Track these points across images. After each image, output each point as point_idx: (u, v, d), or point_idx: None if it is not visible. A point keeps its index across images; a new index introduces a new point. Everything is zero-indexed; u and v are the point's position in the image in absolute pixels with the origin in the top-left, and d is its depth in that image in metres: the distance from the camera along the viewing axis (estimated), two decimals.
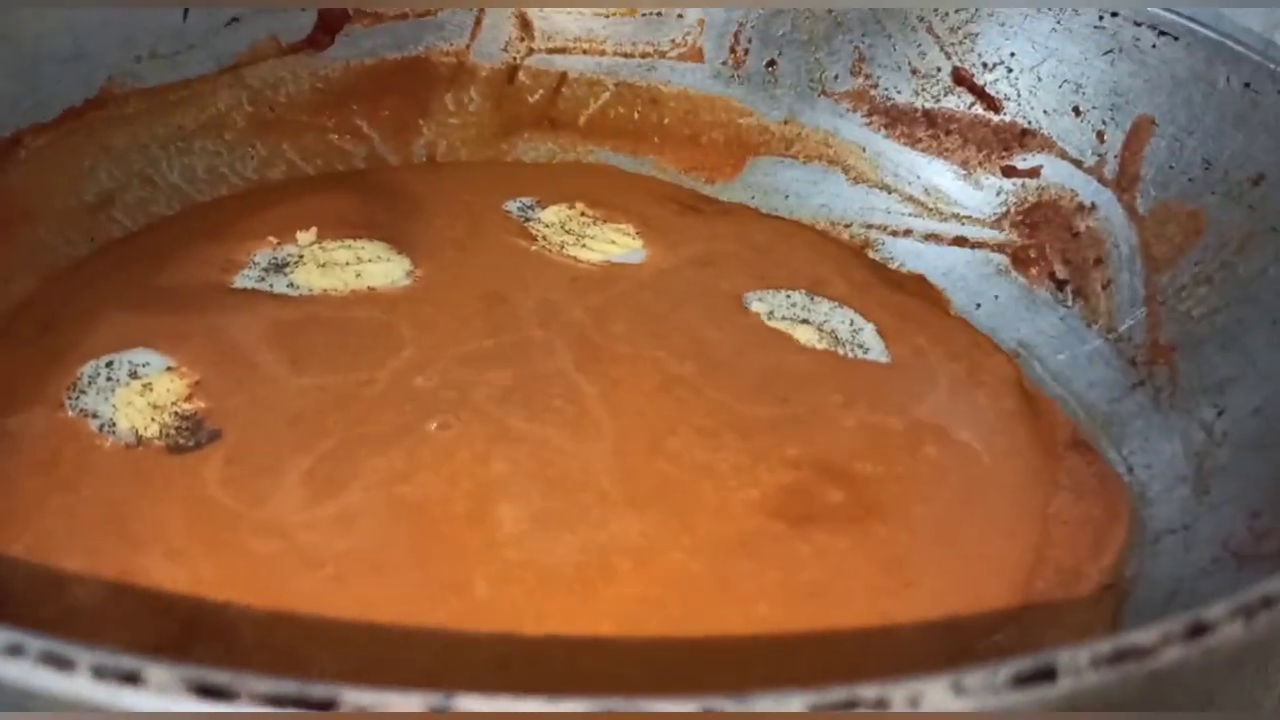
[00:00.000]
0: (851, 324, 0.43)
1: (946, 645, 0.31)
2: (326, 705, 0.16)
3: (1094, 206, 0.45)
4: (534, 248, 0.47)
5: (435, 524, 0.33)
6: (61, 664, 0.16)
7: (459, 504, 0.34)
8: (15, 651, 0.16)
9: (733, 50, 0.54)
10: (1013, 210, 0.47)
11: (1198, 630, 0.18)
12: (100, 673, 0.16)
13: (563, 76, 0.55)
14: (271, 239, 0.45)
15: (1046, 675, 0.17)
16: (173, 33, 0.48)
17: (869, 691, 0.17)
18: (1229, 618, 0.18)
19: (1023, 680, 0.17)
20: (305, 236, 0.46)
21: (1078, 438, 0.39)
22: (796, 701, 0.17)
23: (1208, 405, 0.37)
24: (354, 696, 0.16)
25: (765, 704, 0.16)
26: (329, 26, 0.53)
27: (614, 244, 0.48)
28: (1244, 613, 0.18)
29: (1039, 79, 0.48)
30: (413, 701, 0.16)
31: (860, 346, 0.42)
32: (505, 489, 0.35)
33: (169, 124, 0.49)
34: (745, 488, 0.35)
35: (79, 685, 0.16)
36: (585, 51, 0.55)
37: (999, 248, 0.47)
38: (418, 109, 0.55)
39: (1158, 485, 0.36)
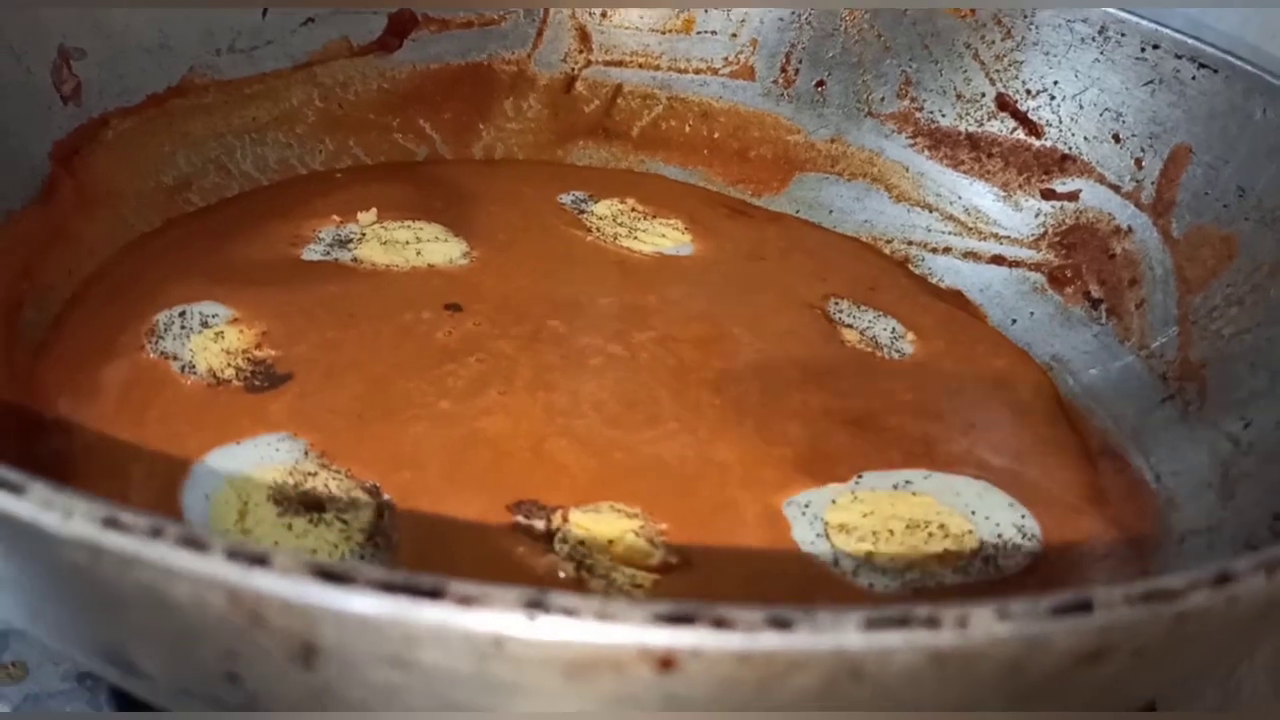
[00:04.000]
0: (893, 331, 0.45)
1: None
2: (435, 593, 0.17)
3: (1130, 230, 0.47)
4: (589, 238, 0.50)
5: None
6: (198, 546, 0.18)
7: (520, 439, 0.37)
8: (156, 534, 0.18)
9: (783, 70, 0.56)
10: (1051, 231, 0.49)
11: (1224, 579, 0.19)
12: (233, 555, 0.18)
13: (618, 88, 0.57)
14: (335, 217, 0.48)
15: (1084, 607, 0.19)
16: (251, 29, 0.51)
17: (922, 610, 0.18)
18: (1253, 570, 0.20)
19: (1062, 610, 0.19)
20: (367, 216, 0.48)
21: (1108, 446, 0.40)
22: (854, 617, 0.18)
23: (1235, 418, 0.38)
24: (457, 588, 0.18)
25: (826, 619, 0.18)
26: (398, 30, 0.55)
27: (664, 238, 0.50)
28: (1267, 567, 0.20)
29: (1080, 106, 0.50)
30: (510, 596, 0.18)
31: (898, 351, 0.44)
32: (550, 422, 0.37)
33: (244, 115, 0.52)
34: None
35: (214, 565, 0.17)
36: (641, 65, 0.57)
37: (1036, 267, 0.49)
38: (478, 113, 0.57)
39: (1184, 491, 0.37)
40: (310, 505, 0.34)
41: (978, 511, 0.36)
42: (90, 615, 0.20)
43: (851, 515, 0.35)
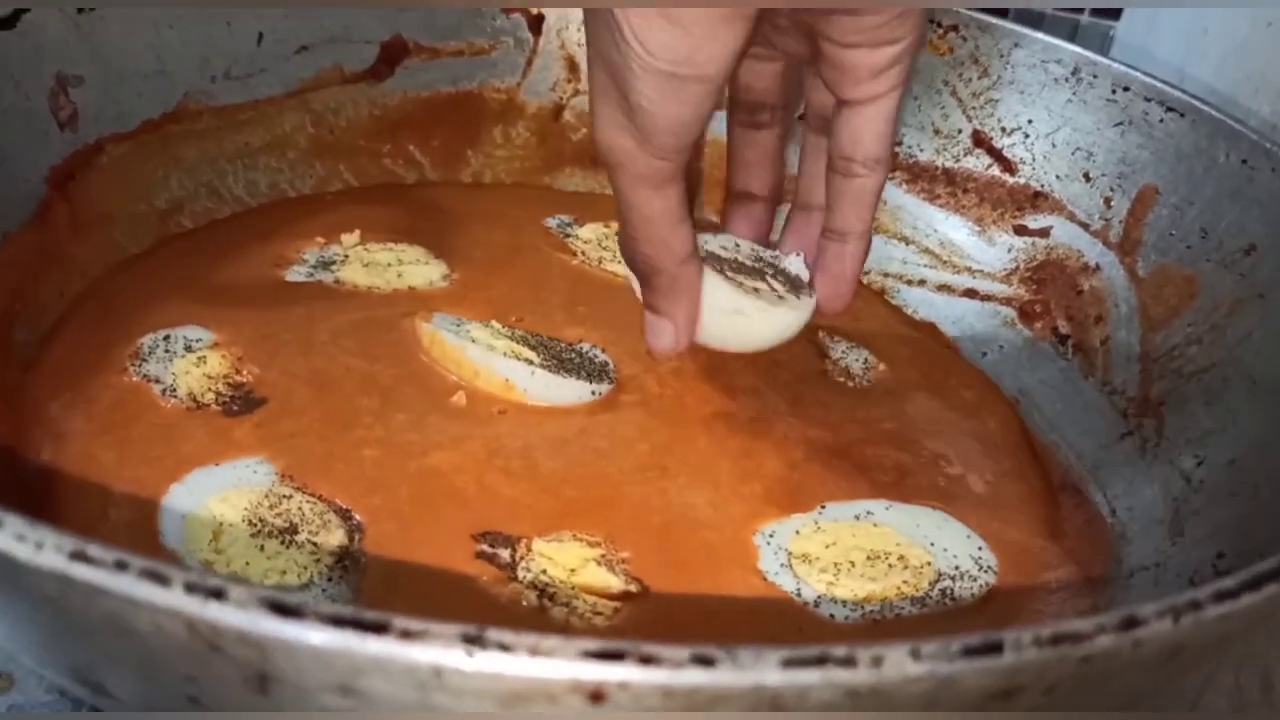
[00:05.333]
0: (865, 361, 0.46)
1: None
2: (379, 628, 0.19)
3: (1098, 267, 0.48)
4: (574, 261, 0.51)
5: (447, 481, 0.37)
6: (159, 579, 0.19)
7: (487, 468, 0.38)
8: (121, 567, 0.19)
9: None
10: (1022, 267, 0.50)
11: (1129, 624, 0.21)
12: (191, 588, 0.19)
13: None
14: (319, 239, 0.49)
15: (994, 648, 0.20)
16: (247, 57, 0.52)
17: (839, 650, 0.19)
18: (1158, 616, 0.21)
19: (973, 651, 0.20)
20: (349, 238, 0.50)
21: (1068, 480, 0.41)
22: (774, 656, 0.19)
23: (1189, 456, 0.40)
24: (400, 623, 0.19)
25: (747, 657, 0.19)
26: (390, 59, 0.56)
27: None
28: (1173, 613, 0.21)
29: (1053, 145, 0.51)
30: (450, 631, 0.19)
31: (868, 381, 0.45)
32: (509, 456, 0.38)
33: (237, 140, 0.53)
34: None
35: (174, 598, 0.19)
36: None
37: (1007, 301, 0.50)
38: (467, 139, 0.58)
39: (1136, 526, 0.39)
40: (283, 528, 0.35)
41: (936, 543, 0.37)
42: (62, 639, 0.21)
43: (814, 545, 0.36)
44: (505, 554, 0.35)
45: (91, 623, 0.20)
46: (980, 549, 0.37)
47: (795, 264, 0.40)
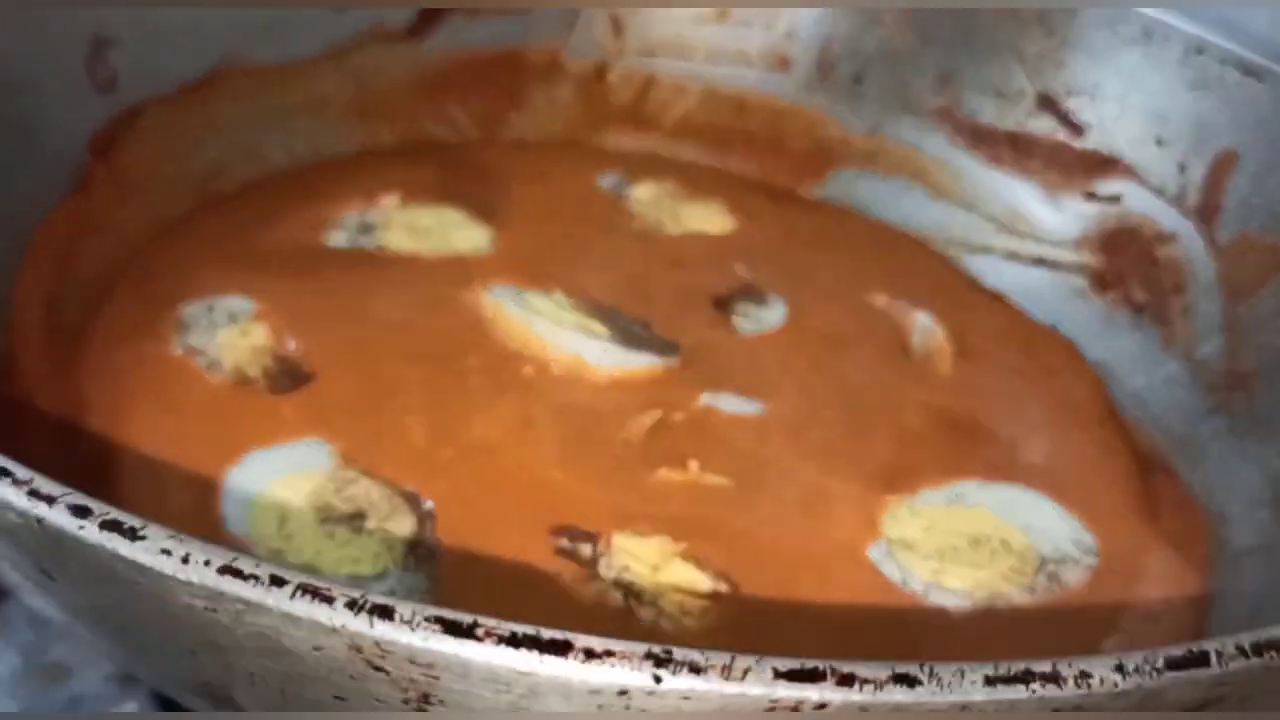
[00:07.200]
0: (931, 332, 0.45)
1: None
2: (561, 648, 0.17)
3: (1174, 235, 0.46)
4: (634, 224, 0.49)
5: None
6: (321, 596, 0.17)
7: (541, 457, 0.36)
8: (277, 583, 0.17)
9: (820, 63, 0.55)
10: (1093, 234, 0.49)
11: None
12: (354, 606, 0.17)
13: (651, 78, 0.56)
14: (359, 202, 0.47)
15: (1200, 661, 0.19)
16: (284, 16, 0.50)
17: (1042, 667, 0.18)
18: None
19: (1176, 664, 0.19)
20: (389, 200, 0.48)
21: (1156, 457, 0.40)
22: (977, 675, 0.18)
23: None
24: (583, 641, 0.17)
25: (949, 677, 0.18)
26: (430, 17, 0.54)
27: (707, 221, 0.50)
28: None
29: (1123, 109, 0.49)
30: (637, 652, 0.17)
31: (938, 354, 0.44)
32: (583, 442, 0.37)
33: (275, 102, 0.51)
34: None
35: (338, 616, 0.17)
36: (675, 55, 0.56)
37: (1078, 270, 0.48)
38: (509, 100, 0.56)
39: (1236, 507, 0.37)
40: (352, 514, 0.33)
41: (1033, 524, 0.36)
42: (194, 655, 0.20)
43: (912, 530, 0.35)
44: (586, 549, 0.33)
45: (237, 640, 0.18)
46: (1079, 530, 0.36)
47: None
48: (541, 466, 0.36)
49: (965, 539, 0.35)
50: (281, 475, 0.34)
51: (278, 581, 0.17)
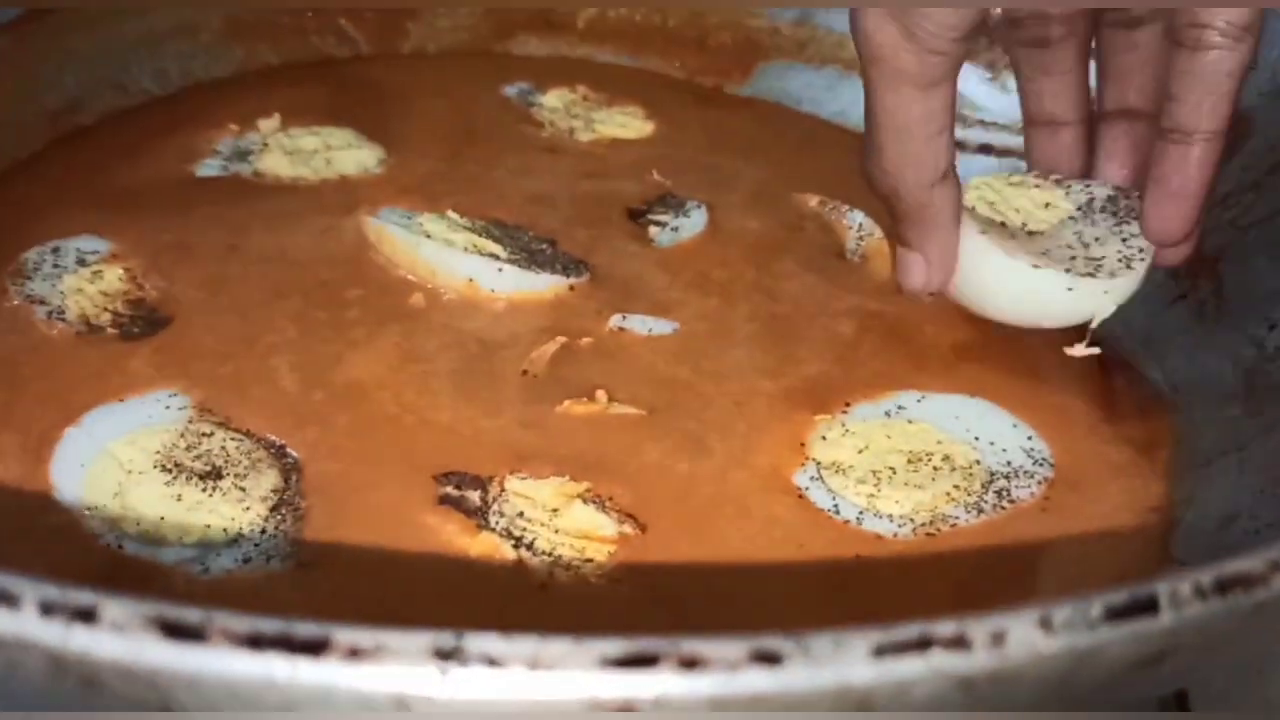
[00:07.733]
0: (861, 228, 0.41)
1: None
2: (315, 648, 0.13)
3: None
4: (544, 133, 0.45)
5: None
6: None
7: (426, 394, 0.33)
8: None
9: None
10: None
11: None
12: (49, 610, 0.13)
13: None
14: (233, 127, 0.43)
15: (1147, 607, 0.15)
16: None
17: (945, 628, 0.14)
18: None
19: (1117, 613, 0.15)
20: (268, 124, 0.43)
21: (1118, 354, 0.36)
22: (860, 643, 0.14)
23: (1257, 319, 0.34)
24: (346, 636, 0.13)
25: (823, 646, 0.14)
26: None
27: (623, 127, 0.46)
28: None
29: None
30: (420, 641, 0.13)
31: (867, 255, 0.40)
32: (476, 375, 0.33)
33: (139, 26, 0.46)
34: None
35: (26, 623, 0.13)
36: None
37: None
38: (405, 10, 0.51)
39: (1205, 405, 0.34)
40: (204, 472, 0.29)
41: (981, 436, 0.32)
42: None
43: (844, 452, 0.31)
44: (474, 497, 0.30)
45: None
46: (1030, 439, 0.32)
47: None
48: (426, 406, 0.32)
49: (903, 457, 0.31)
50: (125, 434, 0.30)
51: None
